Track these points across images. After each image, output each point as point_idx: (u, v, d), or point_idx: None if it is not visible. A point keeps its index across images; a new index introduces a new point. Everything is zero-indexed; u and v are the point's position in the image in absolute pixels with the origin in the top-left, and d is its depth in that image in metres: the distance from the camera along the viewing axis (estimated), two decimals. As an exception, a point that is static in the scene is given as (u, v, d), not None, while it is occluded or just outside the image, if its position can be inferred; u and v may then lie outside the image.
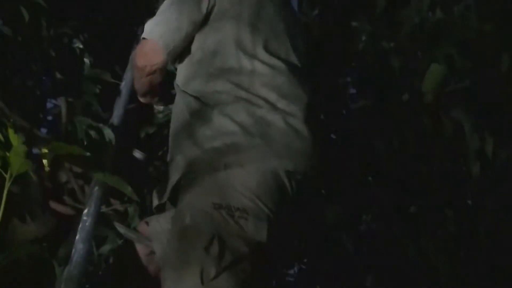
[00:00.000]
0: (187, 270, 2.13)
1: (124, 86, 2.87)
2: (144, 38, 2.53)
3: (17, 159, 2.01)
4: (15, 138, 2.04)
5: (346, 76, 3.40)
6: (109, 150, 2.54)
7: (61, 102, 2.91)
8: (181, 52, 2.53)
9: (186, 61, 2.53)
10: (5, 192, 2.11)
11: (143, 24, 3.14)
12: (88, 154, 2.07)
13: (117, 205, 2.80)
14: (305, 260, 3.48)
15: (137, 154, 2.77)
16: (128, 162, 2.74)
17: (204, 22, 2.50)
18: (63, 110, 2.92)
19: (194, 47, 2.51)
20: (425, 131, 3.08)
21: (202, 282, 2.10)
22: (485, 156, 3.01)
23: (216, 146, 2.33)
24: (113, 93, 2.86)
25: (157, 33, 2.50)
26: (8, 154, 2.06)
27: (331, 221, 3.11)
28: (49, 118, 3.57)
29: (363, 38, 3.24)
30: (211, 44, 2.47)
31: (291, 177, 2.31)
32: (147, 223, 2.55)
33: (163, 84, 2.66)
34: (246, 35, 2.46)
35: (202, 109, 2.40)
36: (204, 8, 2.49)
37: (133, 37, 3.10)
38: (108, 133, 2.56)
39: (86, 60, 2.90)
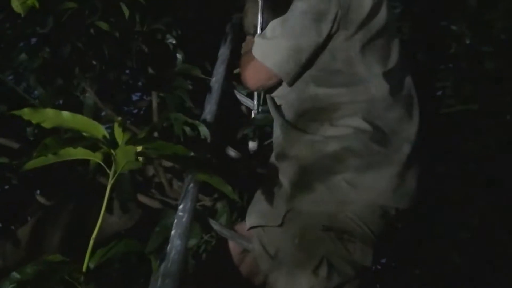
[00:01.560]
0: None
1: (214, 82, 2.89)
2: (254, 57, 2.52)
3: (123, 157, 2.02)
4: (121, 136, 2.06)
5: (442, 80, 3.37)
6: (205, 148, 2.55)
7: (153, 97, 2.95)
8: None
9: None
10: (108, 188, 2.13)
11: (231, 20, 3.18)
12: (192, 153, 2.07)
13: (205, 201, 2.82)
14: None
15: (231, 152, 2.79)
16: (221, 159, 2.76)
17: (324, 44, 2.45)
18: (154, 106, 2.96)
19: None
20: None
21: None
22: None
23: (330, 151, 2.34)
24: (203, 89, 2.88)
25: (278, 66, 2.47)
26: (113, 151, 2.08)
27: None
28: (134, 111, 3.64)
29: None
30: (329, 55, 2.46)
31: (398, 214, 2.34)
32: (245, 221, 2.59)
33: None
34: (369, 50, 2.44)
35: (313, 113, 2.42)
36: (325, 33, 2.43)
37: (222, 33, 3.13)
38: (203, 130, 2.57)
39: (179, 56, 2.92)
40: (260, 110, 2.97)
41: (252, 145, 2.90)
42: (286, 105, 2.55)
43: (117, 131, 2.07)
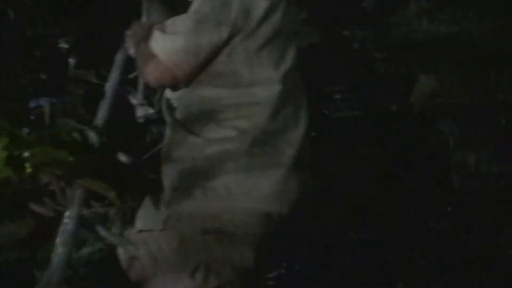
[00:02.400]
0: None
1: (109, 87, 2.85)
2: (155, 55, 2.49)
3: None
4: (-3, 141, 2.02)
5: (334, 84, 3.41)
6: (93, 153, 2.50)
7: (45, 103, 2.90)
8: None
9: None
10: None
11: (128, 24, 3.14)
12: (71, 159, 2.04)
13: (97, 207, 2.76)
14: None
15: (122, 157, 2.74)
16: (112, 165, 2.72)
17: (224, 45, 2.43)
18: (46, 111, 2.90)
19: None
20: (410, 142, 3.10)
21: None
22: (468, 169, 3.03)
23: (210, 153, 2.34)
24: (99, 95, 2.84)
25: (174, 61, 2.44)
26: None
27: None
28: (32, 117, 3.56)
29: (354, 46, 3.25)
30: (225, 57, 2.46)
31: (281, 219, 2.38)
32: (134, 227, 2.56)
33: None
34: (264, 52, 2.45)
35: (200, 115, 2.41)
36: (225, 34, 2.41)
37: (119, 37, 3.09)
38: (92, 136, 2.52)
39: (71, 61, 2.88)
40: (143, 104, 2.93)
41: None
42: (179, 106, 2.53)
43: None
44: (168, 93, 2.58)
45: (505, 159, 3.23)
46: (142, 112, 2.98)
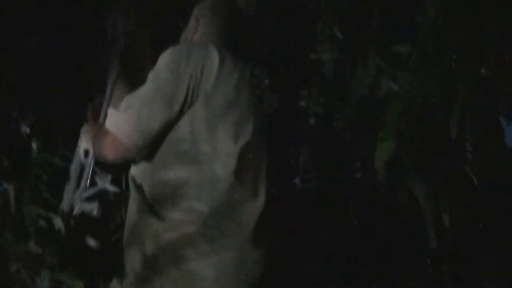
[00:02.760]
0: None
1: (73, 170, 2.83)
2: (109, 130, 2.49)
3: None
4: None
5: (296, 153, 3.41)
6: (59, 240, 2.48)
7: (9, 189, 2.85)
8: None
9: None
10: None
11: (91, 102, 3.14)
12: (38, 251, 2.01)
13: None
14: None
15: (90, 242, 2.71)
16: (80, 251, 2.68)
17: (177, 119, 2.46)
18: (11, 199, 2.85)
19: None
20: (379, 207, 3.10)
21: None
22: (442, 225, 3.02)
23: (170, 239, 2.32)
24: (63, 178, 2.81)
25: (126, 133, 2.45)
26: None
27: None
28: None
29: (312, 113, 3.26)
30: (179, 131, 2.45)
31: None
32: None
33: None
34: (216, 119, 2.44)
35: (162, 198, 2.39)
36: (177, 107, 2.44)
37: (81, 118, 3.07)
38: (58, 222, 2.50)
39: (34, 145, 2.84)
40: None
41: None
42: (144, 186, 2.52)
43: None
44: (133, 170, 2.57)
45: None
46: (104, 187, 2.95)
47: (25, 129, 2.87)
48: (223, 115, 2.43)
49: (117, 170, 2.79)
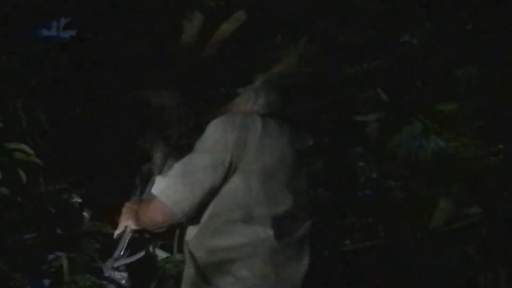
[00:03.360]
0: None
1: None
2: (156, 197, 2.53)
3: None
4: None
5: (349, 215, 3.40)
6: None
7: (63, 258, 2.90)
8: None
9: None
10: None
11: (140, 171, 3.18)
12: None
13: None
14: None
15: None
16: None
17: (220, 185, 2.48)
18: (65, 267, 2.89)
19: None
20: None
21: None
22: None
23: None
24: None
25: (172, 198, 2.48)
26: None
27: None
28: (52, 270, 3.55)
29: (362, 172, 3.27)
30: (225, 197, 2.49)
31: None
32: None
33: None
34: (260, 185, 2.48)
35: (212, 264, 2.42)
36: (221, 175, 2.47)
37: (131, 185, 3.12)
38: (112, 292, 2.52)
39: (85, 214, 2.90)
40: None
41: None
42: (197, 255, 2.53)
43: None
44: (187, 236, 2.58)
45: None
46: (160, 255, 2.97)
47: (77, 199, 2.91)
48: (267, 181, 2.47)
49: (165, 236, 2.82)
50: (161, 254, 3.04)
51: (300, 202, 2.53)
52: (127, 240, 2.75)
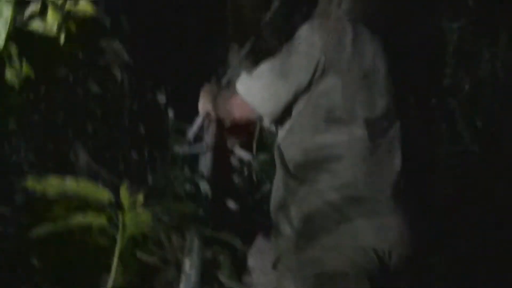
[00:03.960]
0: None
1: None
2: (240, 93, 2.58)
3: (133, 222, 2.04)
4: (127, 200, 2.07)
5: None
6: (206, 203, 2.55)
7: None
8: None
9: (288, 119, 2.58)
10: (117, 253, 2.14)
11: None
12: (197, 212, 2.09)
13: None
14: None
15: (231, 205, 2.79)
16: (223, 212, 2.76)
17: (309, 86, 2.51)
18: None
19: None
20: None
21: None
22: None
23: (331, 200, 2.39)
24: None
25: (256, 98, 2.54)
26: (121, 215, 2.09)
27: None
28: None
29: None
30: (318, 97, 2.51)
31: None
32: (249, 272, 2.61)
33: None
34: (357, 87, 2.49)
35: (308, 163, 2.46)
36: (306, 79, 2.49)
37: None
38: (204, 186, 2.57)
39: (170, 113, 2.94)
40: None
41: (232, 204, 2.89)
42: (292, 153, 2.57)
43: (124, 195, 2.07)
44: (279, 138, 2.63)
45: None
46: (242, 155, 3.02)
47: (162, 97, 2.95)
48: (363, 83, 2.48)
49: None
50: (240, 153, 3.08)
51: (391, 105, 2.55)
52: (199, 125, 2.79)
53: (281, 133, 2.62)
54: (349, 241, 2.36)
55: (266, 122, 2.59)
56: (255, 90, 2.56)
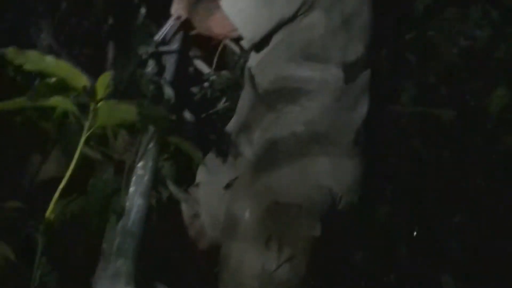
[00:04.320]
0: (248, 262, 2.30)
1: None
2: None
3: (106, 112, 2.01)
4: (103, 90, 2.03)
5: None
6: (169, 108, 2.51)
7: (110, 49, 2.90)
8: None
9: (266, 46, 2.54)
10: (82, 141, 2.12)
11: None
12: (173, 117, 2.06)
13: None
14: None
15: (187, 115, 2.76)
16: (179, 122, 2.73)
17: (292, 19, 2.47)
18: (110, 57, 2.90)
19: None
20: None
21: (263, 276, 2.26)
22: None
23: (298, 132, 2.38)
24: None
25: (240, 19, 2.47)
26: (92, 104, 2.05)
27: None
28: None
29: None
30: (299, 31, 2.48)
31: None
32: (197, 185, 2.60)
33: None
34: (338, 26, 2.47)
35: (278, 92, 2.46)
36: (292, 10, 2.44)
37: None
38: (168, 91, 2.53)
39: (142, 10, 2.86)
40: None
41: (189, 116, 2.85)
42: (260, 80, 2.55)
43: (102, 83, 2.03)
44: (251, 61, 2.60)
45: None
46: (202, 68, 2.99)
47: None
48: (345, 24, 2.47)
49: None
50: (201, 65, 3.05)
51: (366, 52, 2.56)
52: (169, 28, 2.74)
53: (254, 56, 2.60)
54: (307, 176, 2.38)
55: (245, 45, 2.55)
56: (240, 10, 2.50)
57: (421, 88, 3.37)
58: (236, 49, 3.13)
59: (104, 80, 1.99)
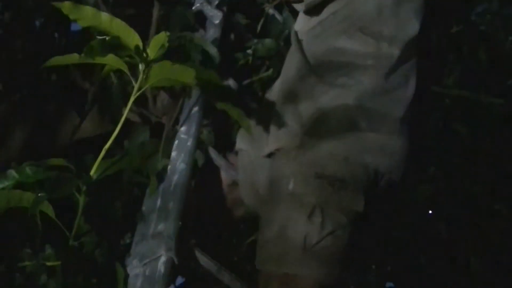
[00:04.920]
0: (290, 233, 2.25)
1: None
2: None
3: (159, 73, 1.98)
4: (156, 51, 1.99)
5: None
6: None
7: (154, 11, 2.84)
8: None
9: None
10: (131, 102, 2.09)
11: None
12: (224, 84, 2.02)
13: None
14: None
15: (231, 82, 2.71)
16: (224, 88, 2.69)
17: None
18: (154, 19, 2.85)
19: None
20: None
21: (305, 247, 2.22)
22: None
23: (350, 106, 2.35)
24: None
25: None
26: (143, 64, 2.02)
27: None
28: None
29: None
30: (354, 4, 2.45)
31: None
32: (236, 153, 2.57)
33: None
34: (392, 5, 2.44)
35: (327, 63, 2.42)
36: None
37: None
38: (213, 51, 2.48)
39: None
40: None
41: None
42: (311, 46, 2.51)
43: (156, 44, 2.00)
44: (298, 25, 2.56)
45: None
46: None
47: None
48: (399, 2, 2.43)
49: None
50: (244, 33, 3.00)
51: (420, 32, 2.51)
52: None
53: (303, 21, 2.56)
54: (354, 152, 2.34)
55: (301, 7, 2.51)
56: None
57: (468, 73, 3.31)
58: (279, 17, 3.07)
59: (159, 41, 1.95)
